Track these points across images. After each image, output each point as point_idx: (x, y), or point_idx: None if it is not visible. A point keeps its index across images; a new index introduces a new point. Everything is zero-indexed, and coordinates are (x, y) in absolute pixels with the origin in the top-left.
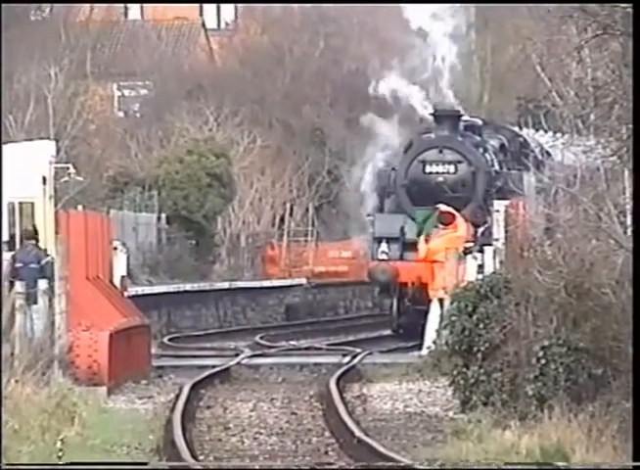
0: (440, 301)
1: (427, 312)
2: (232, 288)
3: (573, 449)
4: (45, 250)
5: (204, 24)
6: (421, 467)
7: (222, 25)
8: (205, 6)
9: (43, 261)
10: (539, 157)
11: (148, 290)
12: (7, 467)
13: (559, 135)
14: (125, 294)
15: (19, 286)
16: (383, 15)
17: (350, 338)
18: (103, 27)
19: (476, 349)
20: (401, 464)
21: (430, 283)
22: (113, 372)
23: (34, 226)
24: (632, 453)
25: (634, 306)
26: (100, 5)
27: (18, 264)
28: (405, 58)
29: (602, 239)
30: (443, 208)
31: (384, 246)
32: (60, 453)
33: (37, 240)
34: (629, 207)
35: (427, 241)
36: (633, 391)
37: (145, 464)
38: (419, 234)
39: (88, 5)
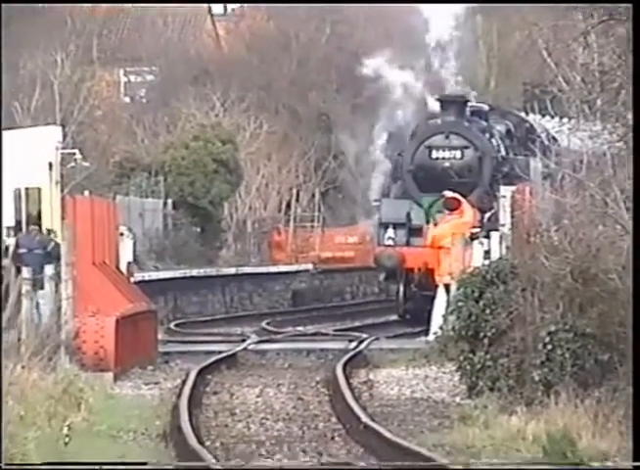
0: (447, 286)
1: (433, 298)
2: (238, 274)
3: (580, 435)
4: (49, 235)
5: (210, 10)
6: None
7: (229, 11)
8: None
9: (49, 247)
10: (546, 142)
11: (154, 275)
12: (7, 467)
13: (565, 120)
14: (132, 279)
15: (25, 272)
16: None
17: (357, 323)
18: (109, 13)
19: (482, 334)
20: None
21: (436, 269)
22: (119, 358)
23: (39, 212)
24: (632, 453)
25: (634, 306)
26: None
27: (22, 250)
28: (410, 43)
29: (608, 224)
30: (449, 194)
31: (390, 231)
32: (66, 439)
33: (40, 225)
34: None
35: (435, 225)
36: (633, 391)
37: (145, 464)
38: (427, 221)
39: None
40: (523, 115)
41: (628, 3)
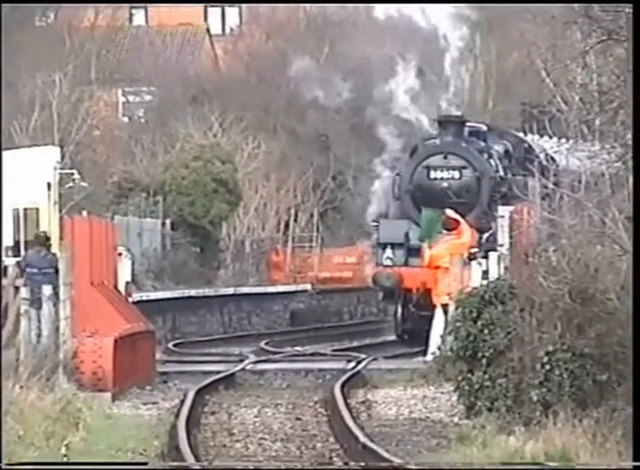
0: (445, 306)
1: (431, 318)
2: (237, 294)
3: (578, 455)
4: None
5: (208, 30)
6: (414, 467)
7: (227, 31)
8: (210, 11)
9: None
10: (544, 162)
11: (152, 295)
12: (7, 467)
13: (563, 141)
14: (130, 299)
15: (24, 292)
16: (386, 20)
17: (355, 344)
18: (107, 33)
19: (480, 354)
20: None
21: (434, 289)
22: (117, 378)
23: (46, 232)
24: (632, 453)
25: (634, 305)
26: (105, 11)
27: (32, 270)
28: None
29: (607, 245)
30: (450, 213)
31: (388, 251)
32: (64, 459)
33: (50, 246)
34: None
35: (431, 247)
36: (633, 391)
37: (145, 464)
38: (422, 238)
39: (93, 10)
40: (521, 135)
41: (628, 3)
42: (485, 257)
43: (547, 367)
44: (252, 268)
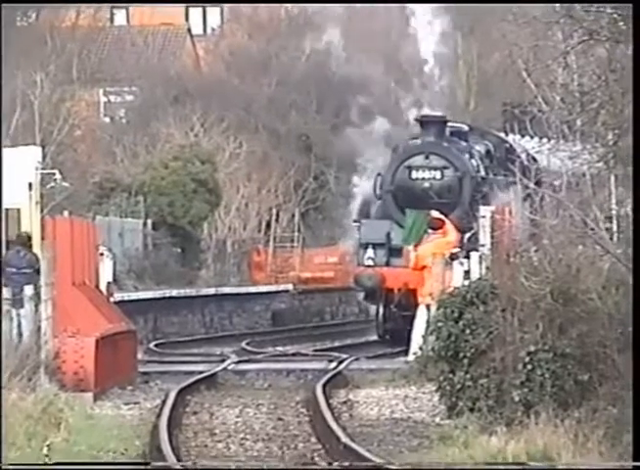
0: (427, 306)
1: (413, 318)
2: (218, 294)
3: (560, 455)
4: (36, 255)
5: (189, 30)
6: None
7: (208, 31)
8: (191, 11)
9: (37, 266)
10: (525, 162)
11: (134, 296)
12: (7, 467)
13: (545, 141)
14: (111, 300)
15: (5, 292)
16: (368, 20)
17: (337, 344)
18: (89, 33)
19: (462, 354)
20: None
21: (417, 289)
22: (99, 378)
23: (28, 233)
24: (632, 453)
25: (634, 305)
26: (86, 10)
27: (11, 269)
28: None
29: (588, 245)
30: (435, 213)
31: (370, 252)
32: (46, 459)
33: (31, 246)
34: (615, 212)
35: (415, 248)
36: (633, 391)
37: (146, 464)
38: (407, 240)
39: (74, 10)
40: (502, 135)
41: (628, 3)
42: (467, 257)
43: (529, 367)
44: (234, 268)
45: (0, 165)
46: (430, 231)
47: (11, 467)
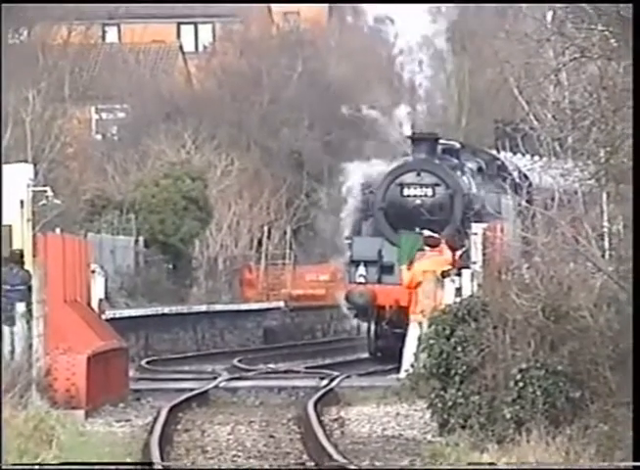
0: (419, 324)
1: (404, 335)
2: (210, 311)
3: None
4: (28, 272)
5: (181, 47)
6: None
7: (200, 48)
8: (183, 29)
9: (29, 283)
10: (517, 180)
11: (126, 313)
12: (7, 467)
13: (537, 158)
14: (103, 317)
15: None
16: (359, 37)
17: (328, 361)
18: (81, 50)
19: (453, 372)
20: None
21: (409, 306)
22: (90, 395)
23: (21, 250)
24: (632, 453)
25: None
26: (78, 28)
27: (4, 286)
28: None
29: (580, 262)
30: (427, 232)
31: (361, 269)
32: None
33: (23, 263)
34: (607, 229)
35: (409, 267)
36: (633, 391)
37: (147, 464)
38: (400, 260)
39: (66, 28)
40: (494, 152)
41: (628, 3)
42: (459, 274)
43: (520, 384)
44: (226, 286)
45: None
46: (426, 249)
47: (11, 467)
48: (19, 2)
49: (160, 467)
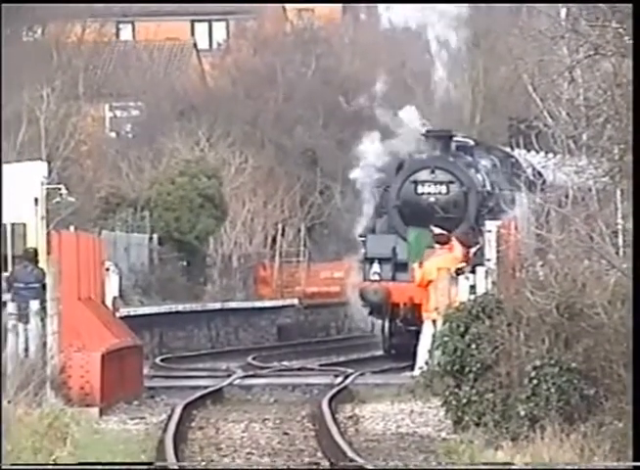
0: (433, 321)
1: (419, 333)
2: (224, 308)
3: None
4: (43, 270)
5: (195, 45)
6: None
7: (214, 46)
8: (197, 26)
9: (44, 281)
10: (531, 177)
11: (140, 310)
12: (7, 467)
13: (551, 156)
14: (117, 314)
15: (10, 307)
16: (373, 34)
17: (342, 358)
18: (95, 48)
19: (468, 369)
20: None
21: (423, 304)
22: (105, 393)
23: (35, 248)
24: (632, 453)
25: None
26: (92, 25)
27: (18, 285)
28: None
29: (594, 259)
30: (436, 230)
31: (376, 266)
32: None
33: (38, 261)
34: (621, 227)
35: (420, 265)
36: (633, 390)
37: (146, 464)
38: (412, 256)
39: (80, 25)
40: (508, 150)
41: (628, 3)
42: (473, 271)
43: (534, 382)
44: (240, 283)
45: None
46: (437, 246)
47: (11, 467)
48: (19, 2)
49: (162, 467)
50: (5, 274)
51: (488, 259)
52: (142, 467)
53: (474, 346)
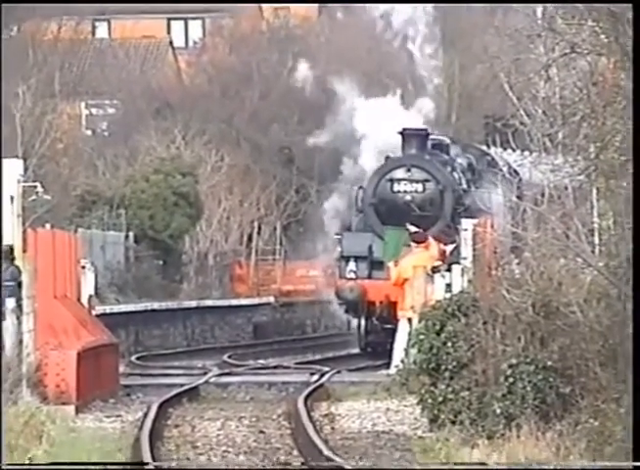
0: (409, 319)
1: (395, 331)
2: (200, 307)
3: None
4: (18, 268)
5: (171, 43)
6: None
7: (190, 44)
8: (173, 24)
9: (19, 279)
10: (507, 175)
11: (116, 309)
12: (7, 467)
13: (527, 154)
14: (93, 312)
15: None
16: (350, 34)
17: (318, 356)
18: (71, 46)
19: (443, 367)
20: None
21: (399, 302)
22: (81, 391)
23: (11, 246)
24: (632, 453)
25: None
26: (68, 23)
27: None
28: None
29: (570, 258)
30: (412, 228)
31: (352, 264)
32: None
33: (13, 259)
34: (597, 225)
35: (396, 263)
36: (633, 391)
37: (145, 464)
38: (389, 257)
39: (56, 23)
40: (484, 148)
41: (628, 3)
42: (449, 269)
43: (510, 380)
44: (216, 281)
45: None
46: (413, 244)
47: (11, 467)
48: (19, 2)
49: (162, 467)
50: None
51: (464, 258)
52: (138, 467)
53: (449, 344)
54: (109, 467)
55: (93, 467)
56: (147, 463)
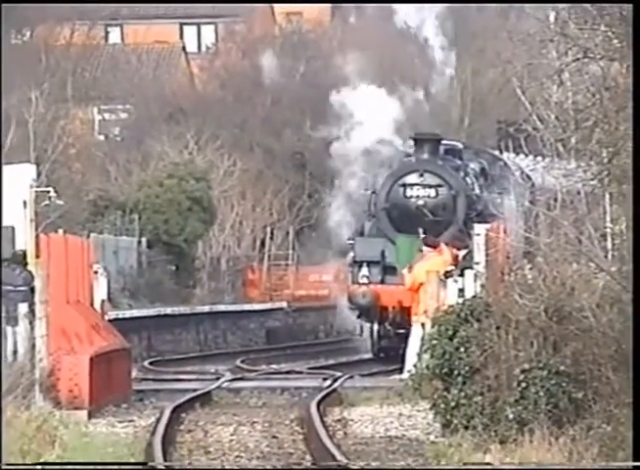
0: (421, 324)
1: (407, 336)
2: (213, 312)
3: None
4: (31, 273)
5: (184, 48)
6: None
7: (203, 49)
8: (186, 29)
9: (32, 284)
10: (520, 180)
11: (128, 314)
12: (7, 467)
13: (539, 159)
14: (106, 318)
15: None
16: (363, 37)
17: (331, 361)
18: (83, 51)
19: (456, 372)
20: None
21: (412, 307)
22: (93, 396)
23: (24, 251)
24: (632, 453)
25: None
26: (80, 28)
27: (6, 287)
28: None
29: (582, 263)
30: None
31: (364, 269)
32: None
33: (26, 264)
34: (609, 230)
35: (410, 269)
36: (633, 390)
37: (145, 464)
38: (401, 262)
39: (69, 28)
40: (497, 153)
41: (628, 3)
42: (461, 274)
43: (523, 385)
44: (228, 286)
45: None
46: (425, 249)
47: (10, 467)
48: (19, 2)
49: (162, 467)
50: None
51: (477, 263)
52: (139, 467)
53: (462, 349)
54: (109, 467)
55: (93, 467)
56: (146, 463)
